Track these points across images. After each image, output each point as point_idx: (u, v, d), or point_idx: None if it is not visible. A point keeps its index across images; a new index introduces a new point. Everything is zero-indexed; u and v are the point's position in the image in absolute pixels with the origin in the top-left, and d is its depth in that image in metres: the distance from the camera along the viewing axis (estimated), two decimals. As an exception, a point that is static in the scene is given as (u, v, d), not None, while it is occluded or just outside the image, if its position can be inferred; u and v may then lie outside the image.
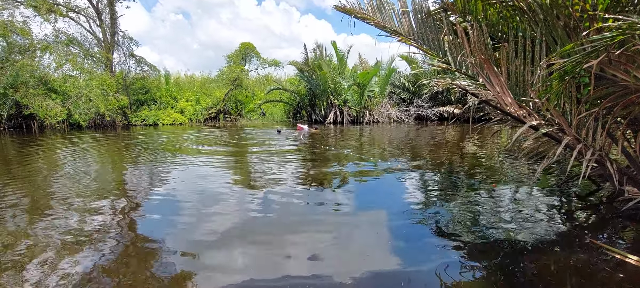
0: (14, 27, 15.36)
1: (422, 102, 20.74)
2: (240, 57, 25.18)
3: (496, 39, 3.62)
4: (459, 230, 2.86)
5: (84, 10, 18.66)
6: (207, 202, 3.70)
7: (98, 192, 4.18)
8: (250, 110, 26.46)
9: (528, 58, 3.19)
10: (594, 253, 2.38)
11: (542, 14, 2.99)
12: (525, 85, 3.25)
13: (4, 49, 16.20)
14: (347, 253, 2.44)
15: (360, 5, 3.93)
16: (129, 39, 20.34)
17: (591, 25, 2.80)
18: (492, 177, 4.74)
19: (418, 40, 3.80)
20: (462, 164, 5.87)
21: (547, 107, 3.01)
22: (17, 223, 3.09)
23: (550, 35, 3.04)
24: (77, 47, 17.71)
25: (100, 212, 3.38)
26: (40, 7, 15.92)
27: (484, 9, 3.45)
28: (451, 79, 3.77)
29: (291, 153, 7.47)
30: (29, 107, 15.57)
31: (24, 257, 2.40)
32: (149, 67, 21.37)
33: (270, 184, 4.44)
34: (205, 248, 2.54)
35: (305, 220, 3.20)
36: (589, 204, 3.58)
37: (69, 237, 2.73)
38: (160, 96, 22.00)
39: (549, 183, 4.34)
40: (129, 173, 5.51)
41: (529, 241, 2.58)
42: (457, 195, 3.89)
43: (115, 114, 18.36)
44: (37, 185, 4.55)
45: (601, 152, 2.99)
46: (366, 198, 3.90)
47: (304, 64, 19.47)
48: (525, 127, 2.91)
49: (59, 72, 17.04)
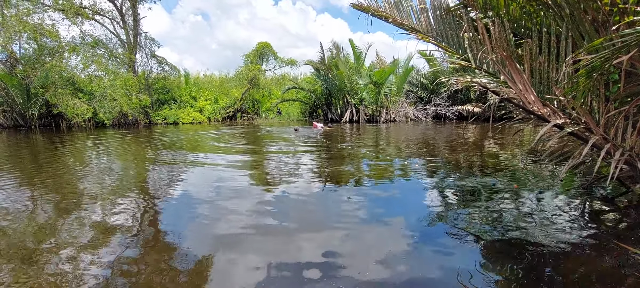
0: (44, 30, 16.11)
1: (440, 101, 20.35)
2: (257, 56, 25.47)
3: (519, 35, 3.51)
4: (479, 232, 2.79)
5: (109, 12, 19.37)
6: (224, 199, 3.77)
7: (121, 187, 4.34)
8: (267, 109, 26.74)
9: (553, 54, 3.07)
10: (622, 258, 2.27)
11: (568, 8, 2.88)
12: (549, 82, 3.14)
13: (35, 51, 17.06)
14: (362, 253, 2.43)
15: (378, 2, 3.90)
16: (150, 40, 20.99)
17: (621, 19, 2.68)
18: (514, 177, 4.60)
19: (437, 37, 3.74)
20: (483, 164, 5.73)
21: (573, 105, 2.89)
22: (47, 216, 3.25)
23: (577, 31, 2.93)
24: (102, 48, 18.41)
25: (123, 207, 3.51)
26: (68, 10, 16.62)
27: (506, 5, 3.35)
28: (471, 76, 3.69)
29: (307, 152, 7.51)
30: (57, 106, 16.32)
31: (50, 249, 2.52)
32: (170, 67, 21.97)
33: (286, 182, 4.48)
34: (221, 244, 2.60)
35: (320, 219, 3.22)
36: (617, 207, 3.42)
37: (94, 231, 2.85)
38: (180, 95, 22.57)
39: (574, 185, 4.18)
40: (150, 169, 5.68)
41: (553, 244, 2.50)
42: (476, 196, 3.80)
43: (138, 113, 18.98)
44: (66, 181, 4.77)
45: (631, 152, 2.86)
46: (382, 199, 3.88)
47: (320, 63, 19.50)
48: (549, 125, 2.81)
49: (85, 73, 17.79)
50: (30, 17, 15.97)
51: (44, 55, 16.82)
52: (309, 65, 20.64)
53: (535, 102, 2.94)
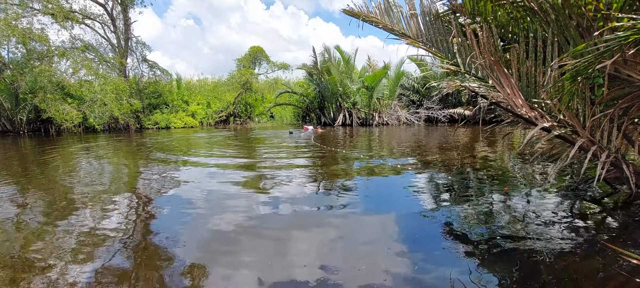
0: (33, 34, 15.88)
1: (432, 104, 20.54)
2: (250, 60, 25.46)
3: (506, 40, 3.57)
4: (470, 234, 2.82)
5: (99, 16, 19.19)
6: (216, 203, 3.75)
7: (111, 192, 4.28)
8: (260, 113, 26.68)
9: (539, 59, 3.14)
10: (609, 258, 2.32)
11: (554, 14, 2.95)
12: (536, 86, 3.20)
13: (24, 55, 16.79)
14: (354, 257, 2.44)
15: (368, 8, 3.94)
16: (141, 44, 20.83)
17: (605, 25, 2.75)
18: (504, 179, 4.66)
19: (427, 42, 3.78)
20: (474, 166, 5.79)
21: (559, 108, 2.95)
22: (36, 223, 3.19)
23: (563, 36, 2.99)
24: (92, 52, 18.21)
25: (112, 213, 3.46)
26: (57, 14, 16.42)
27: (494, 10, 3.41)
28: (461, 80, 3.74)
29: (301, 155, 7.50)
30: (47, 112, 16.05)
31: (39, 256, 2.47)
32: (161, 71, 21.82)
33: (279, 184, 4.46)
34: (213, 248, 2.58)
35: (312, 221, 3.21)
36: (604, 208, 3.48)
37: (84, 238, 2.80)
38: (172, 100, 22.42)
39: (562, 186, 4.25)
40: (140, 174, 5.62)
41: (542, 245, 2.53)
42: (468, 198, 3.84)
43: (129, 117, 18.78)
44: (54, 187, 4.68)
45: (617, 154, 2.92)
46: (374, 201, 3.89)
47: (312, 68, 19.55)
48: (537, 128, 2.86)
49: (75, 78, 17.55)
50: (19, 21, 15.74)
51: (33, 59, 16.56)
52: (302, 69, 20.69)
53: (523, 105, 2.99)
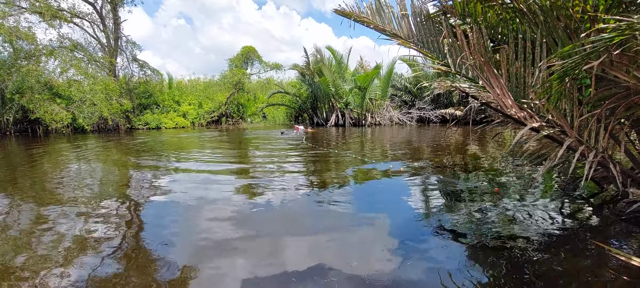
0: (20, 33, 15.52)
1: (424, 104, 20.71)
2: (242, 60, 25.28)
3: (496, 41, 3.60)
4: (461, 233, 2.83)
5: (88, 15, 18.87)
6: (208, 205, 3.70)
7: (100, 195, 4.20)
8: (253, 113, 26.55)
9: (528, 60, 3.17)
10: (597, 256, 2.35)
11: (542, 15, 2.98)
12: (526, 87, 3.23)
13: (10, 55, 16.38)
14: (348, 257, 2.43)
15: (360, 8, 3.94)
16: (131, 43, 20.53)
17: (592, 26, 2.79)
18: (495, 178, 4.70)
19: (418, 43, 3.80)
20: (465, 166, 5.84)
21: (547, 108, 2.98)
22: (21, 228, 3.11)
23: (551, 37, 3.03)
24: (81, 52, 17.86)
25: (101, 216, 3.39)
26: (45, 13, 16.09)
27: (484, 12, 3.44)
28: (451, 81, 3.76)
29: (293, 156, 7.47)
30: (34, 112, 15.70)
31: (26, 263, 2.41)
32: (152, 71, 21.54)
33: (272, 186, 4.43)
34: (205, 252, 2.54)
35: (304, 222, 3.19)
36: (592, 206, 3.54)
37: (71, 243, 2.74)
38: (162, 100, 22.14)
39: (552, 186, 4.31)
40: (130, 176, 5.53)
41: (532, 243, 2.56)
42: (459, 197, 3.86)
43: (119, 117, 18.49)
44: (41, 190, 4.58)
45: (604, 154, 2.96)
46: (367, 202, 3.89)
47: (305, 68, 19.54)
48: (526, 129, 2.88)
49: (63, 77, 17.18)
50: (6, 20, 15.37)
51: (20, 58, 16.17)
52: (294, 69, 20.66)
53: (512, 106, 3.01)
